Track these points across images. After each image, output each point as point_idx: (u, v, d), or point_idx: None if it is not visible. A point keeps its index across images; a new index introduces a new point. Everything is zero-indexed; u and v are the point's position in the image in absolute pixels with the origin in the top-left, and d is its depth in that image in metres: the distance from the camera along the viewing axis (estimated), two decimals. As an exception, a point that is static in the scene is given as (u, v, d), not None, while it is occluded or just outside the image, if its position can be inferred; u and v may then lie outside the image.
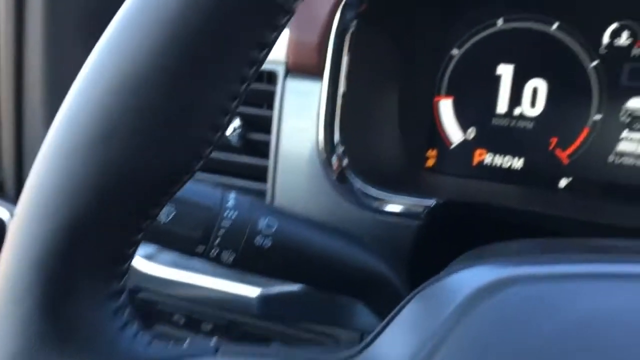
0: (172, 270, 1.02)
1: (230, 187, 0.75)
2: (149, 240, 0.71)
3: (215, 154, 1.04)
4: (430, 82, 1.14)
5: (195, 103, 0.39)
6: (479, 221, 0.96)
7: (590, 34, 1.04)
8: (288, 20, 0.42)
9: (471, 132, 1.14)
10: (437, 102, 1.15)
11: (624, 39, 1.02)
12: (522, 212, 0.96)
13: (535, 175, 1.12)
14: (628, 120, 1.05)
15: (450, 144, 1.16)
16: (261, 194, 1.00)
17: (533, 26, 1.07)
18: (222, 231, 0.69)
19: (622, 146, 1.06)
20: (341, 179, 0.95)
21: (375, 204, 0.95)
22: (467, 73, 1.12)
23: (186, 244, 0.70)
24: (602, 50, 1.04)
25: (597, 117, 1.06)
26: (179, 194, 0.45)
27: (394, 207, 0.95)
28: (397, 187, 1.02)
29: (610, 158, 1.07)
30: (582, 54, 1.05)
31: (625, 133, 1.06)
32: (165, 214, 0.67)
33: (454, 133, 1.15)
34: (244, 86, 0.42)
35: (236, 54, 0.40)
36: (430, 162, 1.17)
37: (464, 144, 1.15)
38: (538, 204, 1.08)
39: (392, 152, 1.10)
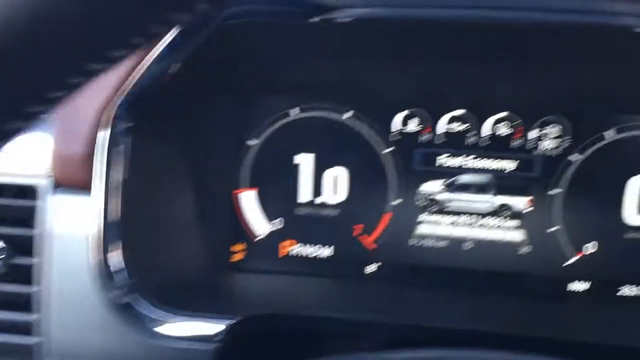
0: None
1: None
2: None
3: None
4: (230, 175, 1.07)
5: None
6: (282, 334, 0.90)
7: (381, 121, 1.04)
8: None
9: (277, 223, 1.09)
10: (238, 194, 1.08)
11: (413, 126, 1.03)
12: (326, 320, 0.91)
13: (343, 263, 1.09)
14: (424, 203, 1.06)
15: (256, 236, 1.10)
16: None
17: (327, 115, 1.05)
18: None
19: (421, 229, 1.07)
20: (122, 305, 0.84)
21: (164, 329, 0.84)
22: (268, 163, 1.08)
23: None
24: (393, 137, 1.04)
25: (396, 202, 1.06)
26: None
27: (186, 330, 0.85)
28: (198, 298, 0.93)
29: (412, 241, 1.07)
30: (375, 141, 1.05)
31: (422, 216, 1.06)
32: None
33: (260, 225, 1.10)
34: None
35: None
36: (236, 257, 1.10)
37: (271, 235, 1.10)
38: (347, 294, 1.06)
39: (191, 256, 1.00)
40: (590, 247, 1.03)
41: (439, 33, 0.88)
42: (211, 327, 0.83)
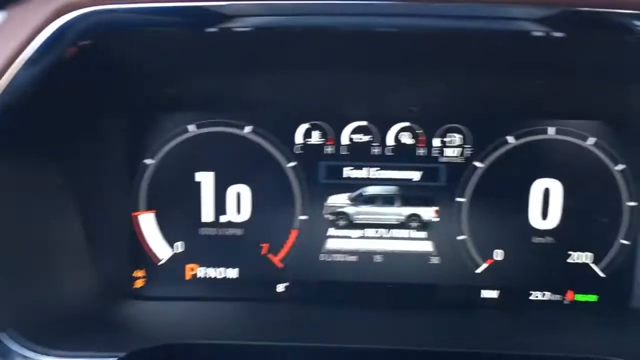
0: None
1: None
2: None
3: None
4: (127, 196, 1.01)
5: None
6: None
7: (283, 135, 1.00)
8: None
9: (179, 246, 1.04)
10: (138, 217, 1.02)
11: (315, 138, 1.00)
12: (229, 347, 0.86)
13: (252, 284, 1.05)
14: (332, 218, 1.03)
15: (159, 260, 1.04)
16: None
17: (227, 130, 1.01)
18: None
19: (330, 244, 1.04)
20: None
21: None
22: (167, 183, 1.02)
23: None
24: (296, 151, 1.01)
25: (303, 217, 1.03)
26: None
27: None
28: (86, 331, 0.86)
29: (321, 257, 1.04)
30: (278, 156, 1.01)
31: (331, 231, 1.03)
32: None
33: (161, 248, 1.04)
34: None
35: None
36: (139, 283, 1.04)
37: (174, 259, 1.04)
38: (256, 316, 1.01)
39: (80, 285, 0.94)
40: (499, 254, 1.02)
41: (337, 42, 0.84)
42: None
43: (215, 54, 0.89)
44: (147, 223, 1.03)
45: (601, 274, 1.01)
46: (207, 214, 1.03)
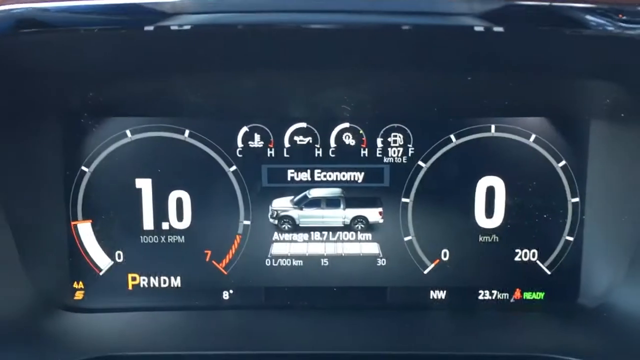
0: None
1: None
2: None
3: None
4: (63, 206, 0.98)
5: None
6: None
7: (223, 138, 0.98)
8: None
9: (120, 255, 1.01)
10: (75, 226, 0.99)
11: (256, 141, 0.98)
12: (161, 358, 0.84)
13: (196, 292, 1.02)
14: (276, 222, 1.01)
15: (99, 270, 1.01)
16: None
17: (165, 135, 0.98)
18: None
19: (276, 249, 1.02)
20: None
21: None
22: (105, 191, 0.99)
23: None
24: (238, 154, 0.99)
25: (247, 222, 1.01)
26: None
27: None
28: (13, 348, 0.83)
29: (267, 262, 1.02)
30: (219, 160, 0.99)
31: (276, 235, 1.02)
32: None
33: (101, 258, 1.01)
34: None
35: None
36: (79, 295, 1.01)
37: (115, 268, 1.01)
38: (204, 323, 0.99)
39: (8, 299, 0.90)
40: (446, 254, 1.01)
41: (271, 40, 0.83)
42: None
43: (147, 56, 0.87)
44: (86, 232, 1.00)
45: (547, 272, 1.01)
46: (148, 221, 1.00)
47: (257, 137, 0.99)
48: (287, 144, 0.99)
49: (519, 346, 0.90)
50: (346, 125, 0.98)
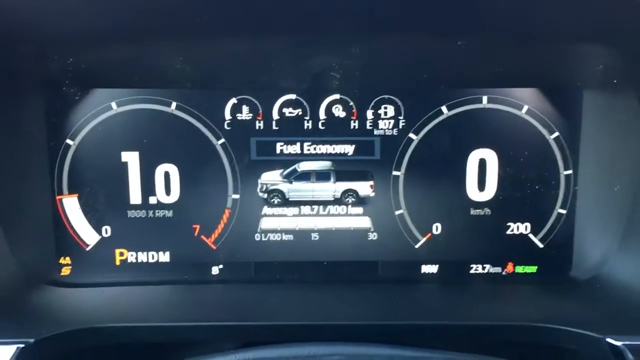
0: None
1: None
2: None
3: None
4: (48, 180, 0.97)
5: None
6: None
7: (210, 111, 0.97)
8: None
9: (107, 230, 0.99)
10: (61, 201, 0.98)
11: (245, 114, 0.97)
12: (146, 330, 0.83)
13: (185, 267, 1.01)
14: (265, 195, 0.99)
15: (86, 246, 0.99)
16: None
17: (152, 107, 0.96)
18: None
19: (265, 223, 1.00)
20: None
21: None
22: (90, 165, 0.98)
23: None
24: (226, 127, 0.97)
25: (235, 196, 0.99)
26: None
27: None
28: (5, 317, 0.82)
29: (257, 237, 1.01)
30: (207, 133, 0.97)
31: (265, 209, 1.00)
32: None
33: (88, 234, 0.99)
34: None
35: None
36: (65, 271, 0.99)
37: (102, 243, 1.00)
38: (193, 298, 0.98)
39: (2, 276, 0.89)
40: (438, 227, 1.00)
41: (261, 3, 0.80)
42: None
43: (128, 19, 0.83)
44: (72, 207, 0.98)
45: (540, 245, 1.00)
46: (135, 195, 0.99)
47: (245, 109, 0.97)
48: (275, 116, 0.97)
49: (510, 316, 0.89)
50: (336, 96, 0.97)
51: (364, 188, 0.99)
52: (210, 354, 0.70)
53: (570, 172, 0.97)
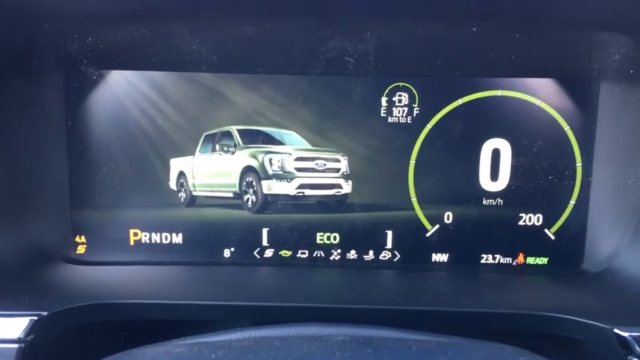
0: None
1: None
2: None
3: None
4: (65, 159, 0.98)
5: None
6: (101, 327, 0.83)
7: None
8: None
9: (122, 210, 1.01)
10: (77, 180, 1.00)
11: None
12: (157, 306, 0.84)
13: (198, 249, 1.02)
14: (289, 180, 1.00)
15: (102, 226, 1.01)
16: None
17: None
18: None
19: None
20: None
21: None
22: (106, 145, 0.99)
23: None
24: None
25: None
26: None
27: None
28: (17, 292, 0.84)
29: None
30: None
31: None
32: None
33: (103, 214, 1.01)
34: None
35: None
36: (81, 249, 1.01)
37: (117, 224, 1.02)
38: (205, 278, 0.99)
39: (14, 249, 0.91)
40: (449, 217, 1.00)
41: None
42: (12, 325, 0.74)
43: (146, 0, 0.84)
44: (88, 187, 1.00)
45: (552, 237, 1.00)
46: (152, 177, 1.00)
47: (260, 94, 0.98)
48: (290, 101, 0.98)
49: (518, 305, 0.88)
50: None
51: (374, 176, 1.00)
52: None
53: (584, 163, 0.97)
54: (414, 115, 0.97)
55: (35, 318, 0.75)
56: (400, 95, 0.97)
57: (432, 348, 0.63)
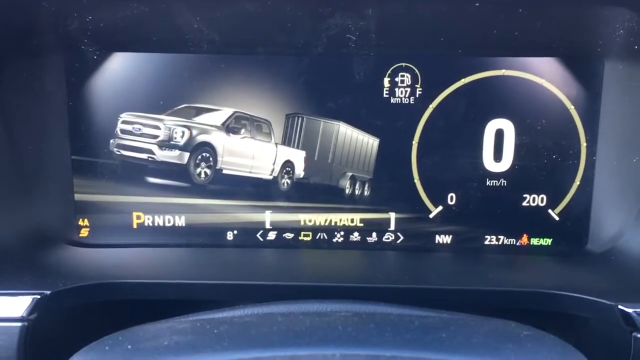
0: None
1: None
2: None
3: None
4: (68, 142, 0.98)
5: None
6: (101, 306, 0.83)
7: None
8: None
9: (125, 193, 1.01)
10: (79, 163, 1.00)
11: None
12: (159, 286, 0.84)
13: (201, 232, 1.02)
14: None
15: (104, 208, 1.01)
16: None
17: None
18: None
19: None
20: None
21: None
22: (109, 127, 0.99)
23: None
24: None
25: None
26: None
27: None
28: (20, 273, 0.84)
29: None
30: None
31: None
32: None
33: (106, 196, 1.01)
34: None
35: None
36: (84, 232, 1.01)
37: (120, 206, 1.01)
38: (208, 260, 0.99)
39: (17, 230, 0.91)
40: (452, 198, 1.00)
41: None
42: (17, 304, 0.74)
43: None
44: (90, 169, 1.00)
45: (556, 217, 0.99)
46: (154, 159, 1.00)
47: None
48: (291, 80, 0.97)
49: (522, 283, 0.88)
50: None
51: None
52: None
53: (589, 143, 0.96)
54: (417, 96, 0.97)
55: (38, 297, 0.75)
56: (402, 76, 0.96)
57: (435, 323, 0.63)
